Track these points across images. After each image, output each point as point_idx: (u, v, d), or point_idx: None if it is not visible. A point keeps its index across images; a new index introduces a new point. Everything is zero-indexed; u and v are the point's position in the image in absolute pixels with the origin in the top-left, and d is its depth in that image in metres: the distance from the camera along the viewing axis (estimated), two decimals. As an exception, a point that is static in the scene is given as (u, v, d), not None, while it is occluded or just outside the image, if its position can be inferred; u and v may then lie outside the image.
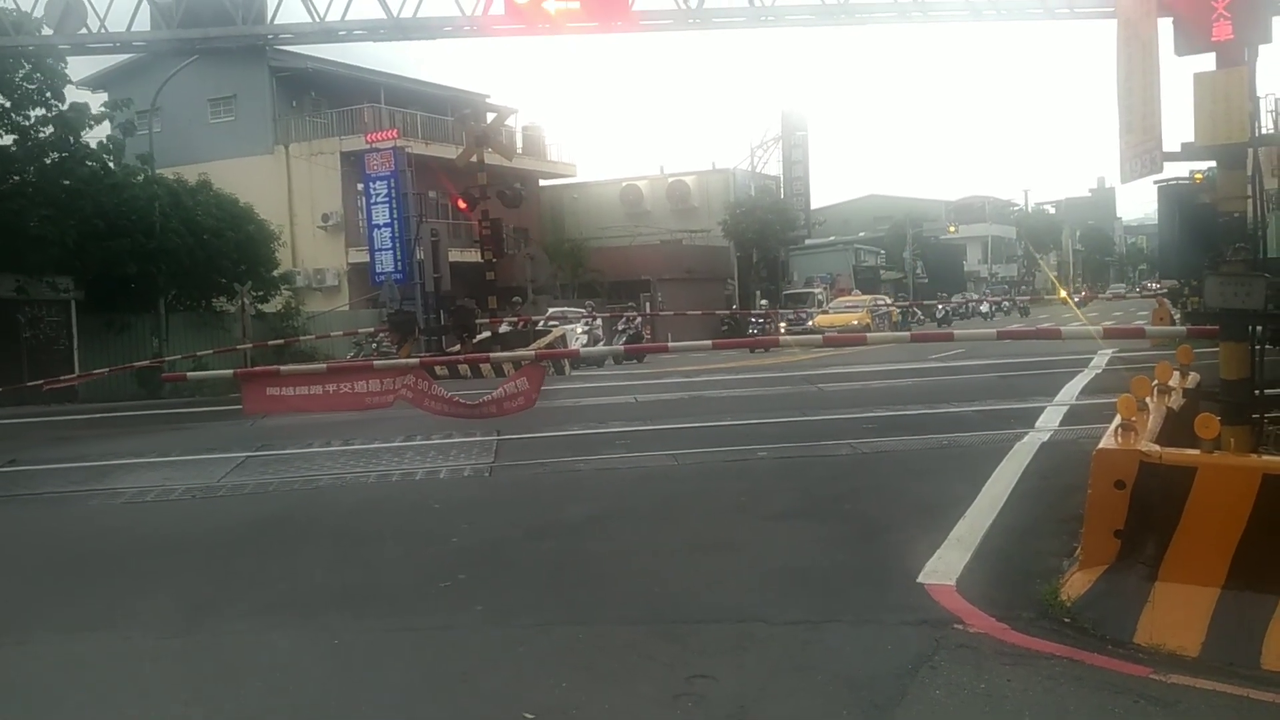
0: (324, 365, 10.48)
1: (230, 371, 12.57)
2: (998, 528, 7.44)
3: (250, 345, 26.67)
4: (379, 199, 31.52)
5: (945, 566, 6.56)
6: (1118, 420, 5.84)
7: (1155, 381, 7.02)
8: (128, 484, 11.24)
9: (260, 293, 30.35)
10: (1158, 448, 5.53)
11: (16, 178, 24.28)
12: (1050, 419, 12.31)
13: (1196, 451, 5.40)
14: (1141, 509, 5.44)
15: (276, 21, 21.29)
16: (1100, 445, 5.75)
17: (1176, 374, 7.81)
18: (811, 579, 6.61)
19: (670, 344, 20.34)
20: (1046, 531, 7.15)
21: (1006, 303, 57.59)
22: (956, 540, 7.12)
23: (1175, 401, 7.10)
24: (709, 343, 20.26)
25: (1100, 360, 18.70)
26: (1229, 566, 5.14)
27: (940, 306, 51.45)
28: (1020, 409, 13.25)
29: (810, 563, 6.98)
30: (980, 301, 58.03)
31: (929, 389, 16.79)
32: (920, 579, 6.35)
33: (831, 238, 72.25)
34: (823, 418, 13.81)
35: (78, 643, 6.12)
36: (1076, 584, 5.70)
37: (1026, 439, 10.84)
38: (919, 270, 71.01)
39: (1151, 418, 6.30)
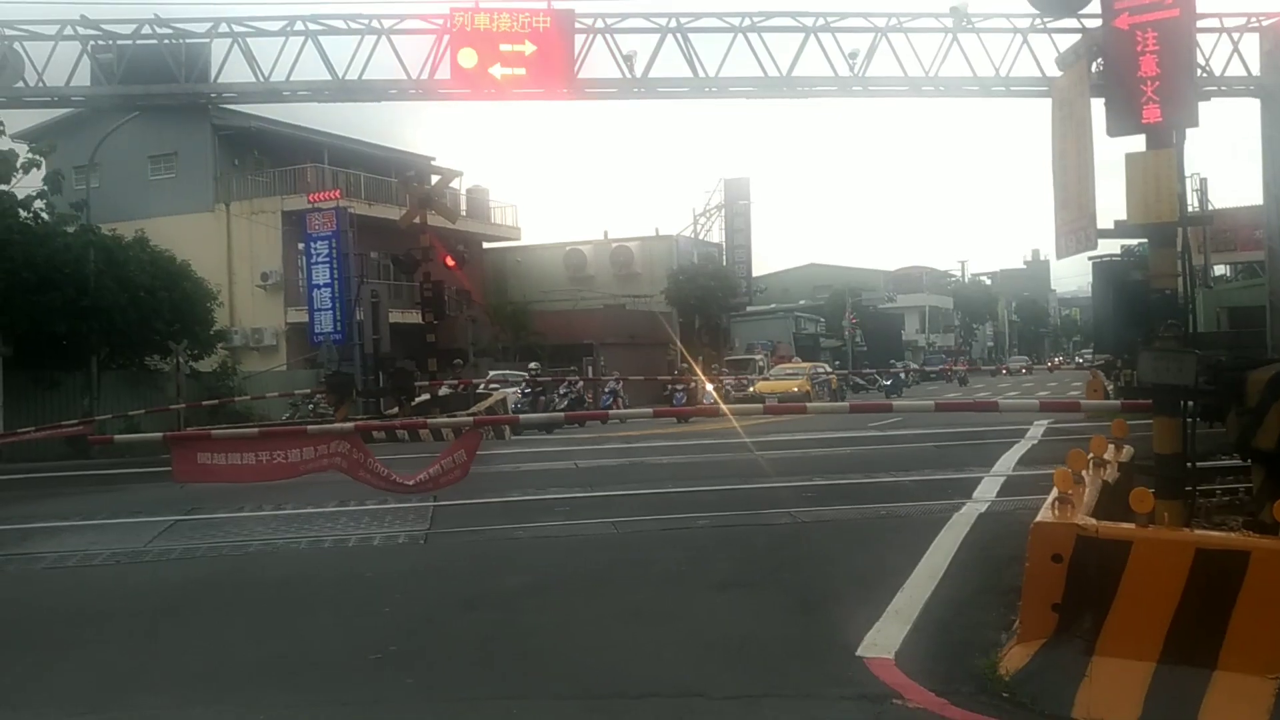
0: (256, 430, 10.23)
1: (160, 435, 12.27)
2: (936, 600, 7.42)
3: (184, 405, 26.16)
4: (320, 259, 31.32)
5: (884, 639, 6.51)
6: (1054, 493, 5.87)
7: (1091, 455, 7.09)
8: (49, 549, 10.88)
9: (195, 351, 29.88)
10: (1094, 521, 5.55)
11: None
12: (987, 490, 12.39)
13: (1132, 525, 5.44)
14: (1078, 583, 5.44)
15: (220, 80, 21.26)
16: (1038, 518, 5.76)
17: (1111, 447, 7.90)
18: (751, 652, 6.52)
19: (611, 411, 20.28)
20: (985, 604, 7.13)
21: (950, 372, 58.33)
22: (895, 612, 7.08)
23: (1111, 475, 7.17)
24: (650, 410, 20.23)
25: (1036, 431, 18.93)
26: (1164, 640, 5.14)
27: (881, 374, 52.21)
28: (958, 479, 13.33)
29: (749, 635, 6.90)
30: (952, 369, 58.36)
31: (867, 458, 16.87)
32: (859, 652, 6.29)
33: (772, 305, 73.05)
34: (762, 486, 13.79)
35: (-15, 719, 5.86)
36: (1015, 658, 5.68)
37: (964, 509, 10.88)
38: (858, 339, 71.84)
39: (1088, 491, 6.34)
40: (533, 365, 38.23)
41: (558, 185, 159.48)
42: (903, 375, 53.78)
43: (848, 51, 21.44)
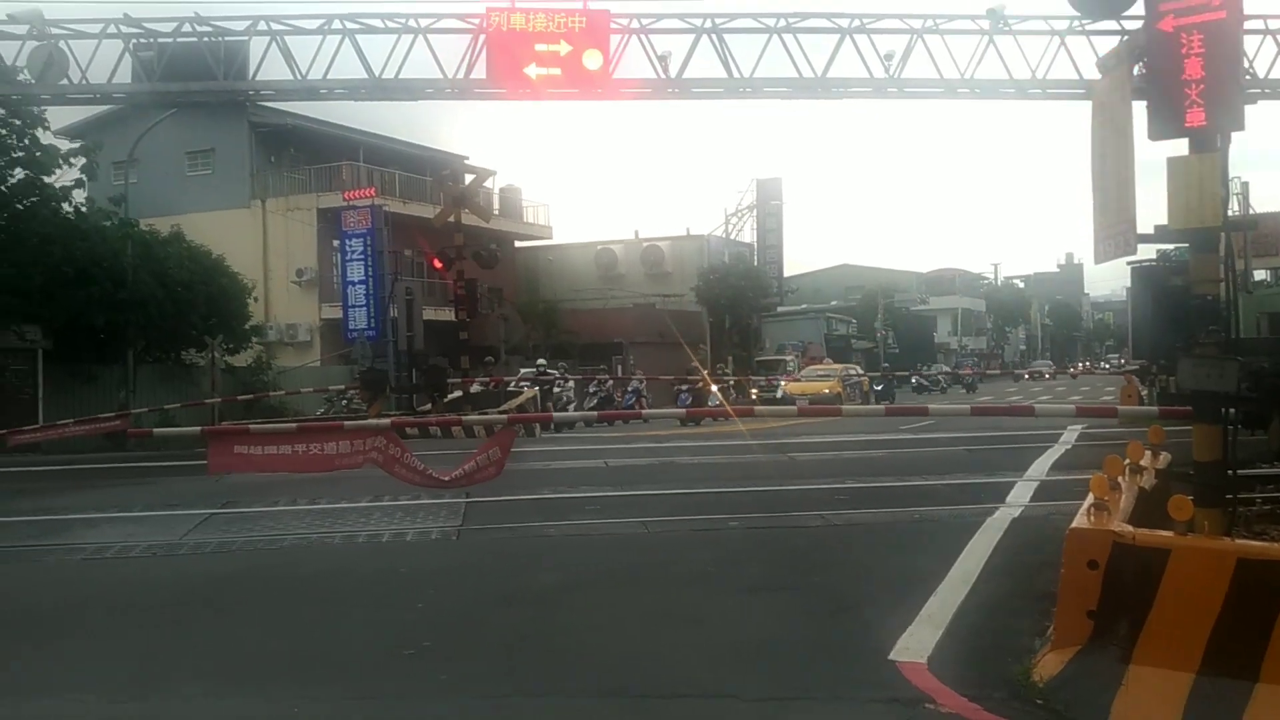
0: (294, 425, 10.32)
1: (198, 429, 12.41)
2: (970, 604, 7.38)
3: (219, 399, 26.39)
4: (355, 256, 31.49)
5: (917, 644, 6.47)
6: (1090, 499, 5.82)
7: (1127, 461, 7.02)
8: (88, 540, 11.03)
9: (231, 346, 30.13)
10: (1131, 529, 5.50)
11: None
12: (1021, 494, 12.32)
13: (1170, 533, 5.37)
14: (1115, 590, 5.39)
15: (258, 78, 21.45)
16: (1073, 524, 5.72)
17: (1148, 453, 7.82)
18: (782, 654, 6.51)
19: (645, 411, 20.30)
20: (1018, 609, 7.09)
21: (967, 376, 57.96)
22: (928, 617, 7.05)
23: (1148, 481, 7.10)
24: (682, 410, 20.24)
25: (1069, 436, 18.78)
26: (1204, 651, 5.08)
27: (930, 377, 51.65)
28: (991, 483, 13.25)
29: (780, 637, 6.89)
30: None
31: (901, 461, 16.79)
32: (892, 656, 6.26)
33: (804, 306, 72.79)
34: (794, 488, 13.76)
35: (30, 706, 5.93)
36: (1049, 664, 5.63)
37: (998, 514, 10.82)
38: (890, 340, 71.47)
39: (1124, 497, 6.28)
40: (540, 361, 37.94)
41: (590, 185, 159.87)
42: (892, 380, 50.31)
43: (883, 53, 21.37)
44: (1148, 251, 21.25)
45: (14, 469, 19.49)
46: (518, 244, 50.82)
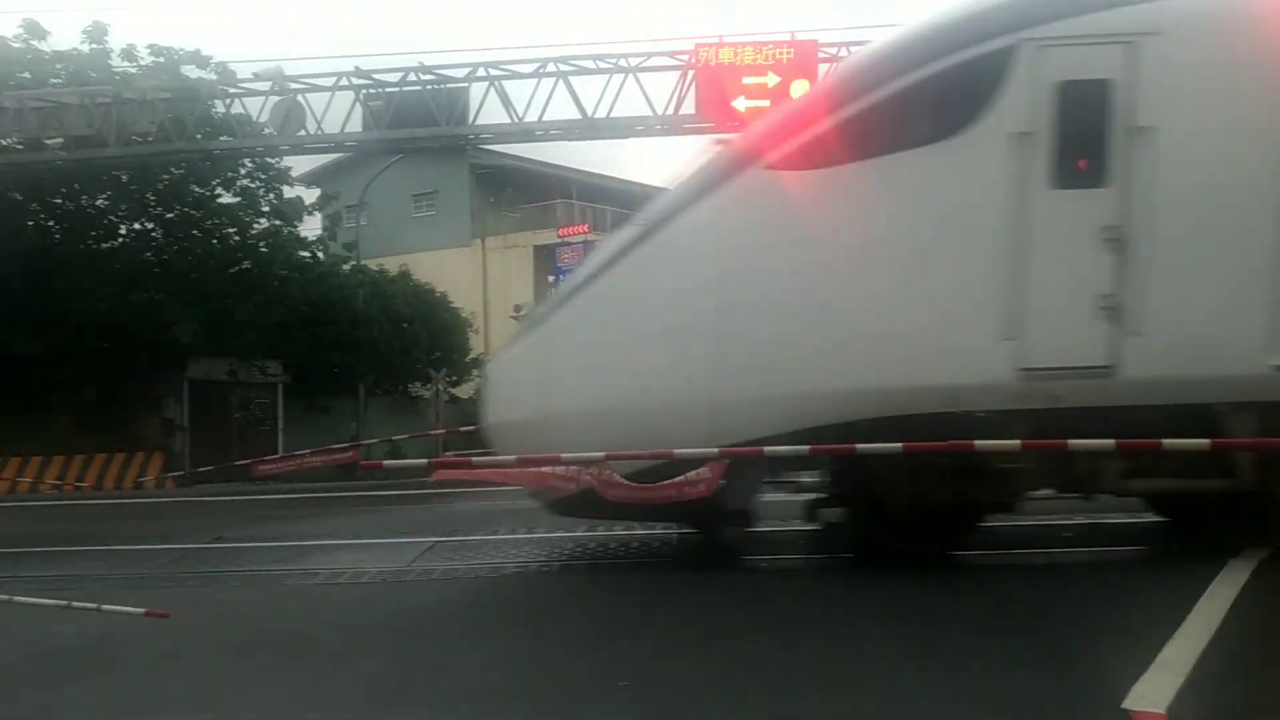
0: (513, 457, 10.61)
1: (425, 461, 13.00)
2: (1212, 653, 6.88)
3: (444, 431, 27.47)
4: (568, 290, 32.22)
5: (1154, 692, 6.08)
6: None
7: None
8: (323, 565, 11.66)
9: (454, 378, 31.41)
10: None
11: (235, 268, 26.04)
12: (1269, 534, 11.43)
13: None
14: (1381, 644, 4.95)
15: (478, 122, 22.34)
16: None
17: None
18: (1009, 698, 6.25)
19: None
20: (1269, 661, 6.59)
21: None
22: (1165, 663, 6.61)
23: None
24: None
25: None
26: None
27: None
28: (1234, 521, 12.35)
29: (1006, 679, 6.61)
30: None
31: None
32: (1126, 704, 5.90)
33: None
34: (1014, 523, 13.17)
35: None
36: (1307, 722, 5.21)
37: (1242, 554, 10.07)
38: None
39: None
40: None
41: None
42: None
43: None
44: None
45: (256, 496, 20.86)
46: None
